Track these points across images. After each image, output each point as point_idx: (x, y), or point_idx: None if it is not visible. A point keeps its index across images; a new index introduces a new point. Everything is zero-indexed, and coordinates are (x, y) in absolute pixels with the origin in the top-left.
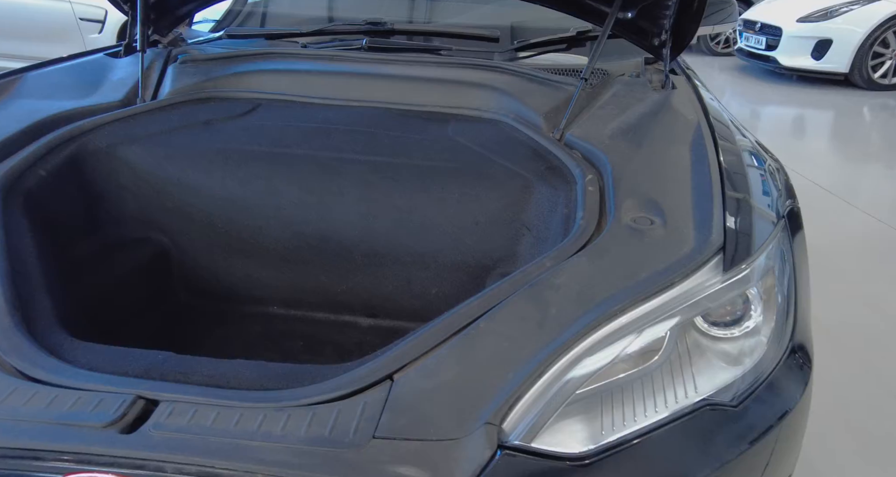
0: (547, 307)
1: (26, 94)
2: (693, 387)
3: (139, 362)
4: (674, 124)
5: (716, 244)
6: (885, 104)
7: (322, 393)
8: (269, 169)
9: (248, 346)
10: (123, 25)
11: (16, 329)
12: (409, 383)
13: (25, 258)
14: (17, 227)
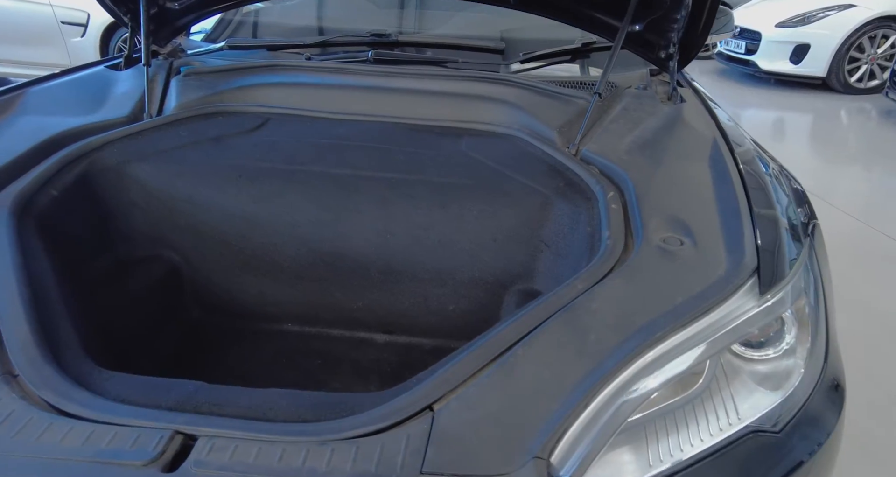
0: (585, 333)
1: (31, 111)
2: (735, 412)
3: (171, 393)
4: (689, 139)
5: (750, 266)
6: (861, 108)
7: (363, 425)
8: (284, 186)
9: (265, 364)
10: (107, 29)
11: (44, 361)
12: (452, 414)
13: (44, 282)
14: (32, 250)
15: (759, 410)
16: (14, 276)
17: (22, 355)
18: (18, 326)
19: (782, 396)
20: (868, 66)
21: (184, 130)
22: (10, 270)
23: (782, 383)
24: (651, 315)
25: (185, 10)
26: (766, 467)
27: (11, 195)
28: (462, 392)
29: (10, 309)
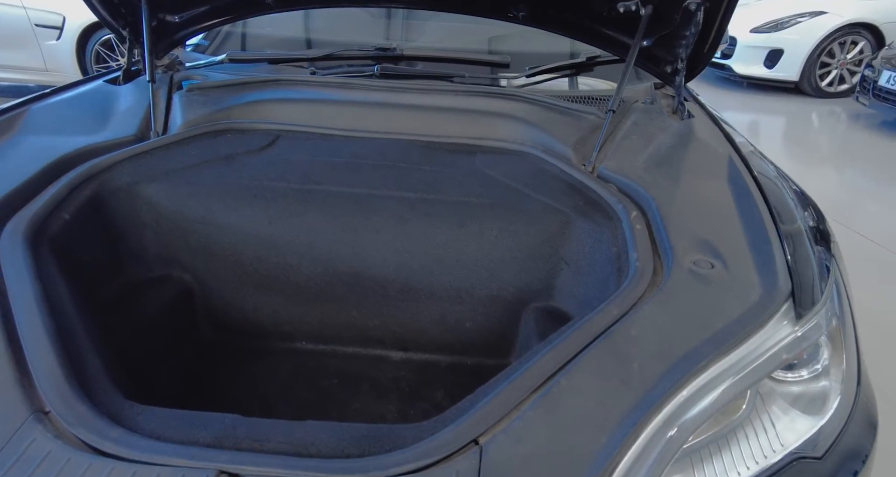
0: (628, 362)
1: (35, 130)
2: (777, 438)
3: (208, 429)
4: (705, 156)
5: (784, 290)
6: (831, 111)
7: (410, 461)
8: (302, 206)
9: (282, 383)
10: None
11: (76, 396)
12: (499, 449)
13: (65, 311)
14: (50, 278)
15: (801, 435)
16: (36, 306)
17: (53, 391)
18: (46, 360)
19: (821, 421)
20: (838, 70)
21: (193, 149)
22: (32, 301)
23: (819, 407)
24: (692, 342)
25: (185, 23)
26: None
27: (24, 221)
28: (507, 425)
29: (35, 342)
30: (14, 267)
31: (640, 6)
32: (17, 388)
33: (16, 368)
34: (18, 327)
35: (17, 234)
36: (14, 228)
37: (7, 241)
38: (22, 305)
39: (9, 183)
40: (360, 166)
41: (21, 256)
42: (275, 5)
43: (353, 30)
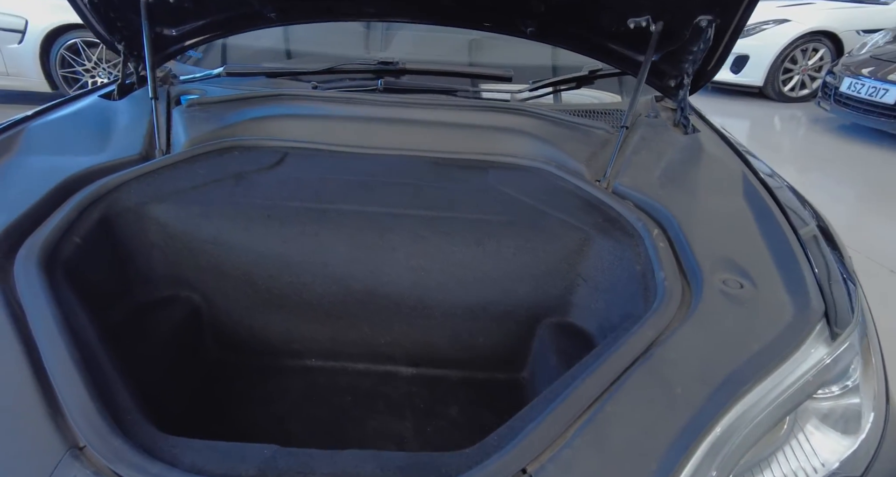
0: (671, 386)
1: (37, 150)
2: (816, 457)
3: (248, 461)
4: (718, 171)
5: (818, 310)
6: (793, 115)
7: None
8: (315, 226)
9: (295, 402)
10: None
11: (110, 430)
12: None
13: (88, 340)
14: (69, 305)
15: (840, 454)
16: (60, 337)
17: (87, 425)
18: (77, 393)
19: (858, 439)
20: (800, 76)
21: (201, 167)
22: (56, 331)
23: (854, 425)
24: (732, 365)
25: (182, 36)
26: None
27: (37, 246)
28: (555, 453)
29: (64, 374)
30: (32, 295)
31: (650, 22)
32: (50, 423)
33: (46, 403)
34: (44, 359)
35: (31, 261)
36: (27, 255)
37: (22, 268)
38: (45, 336)
39: (18, 206)
40: (373, 184)
41: (38, 283)
42: (277, 19)
43: (335, 39)
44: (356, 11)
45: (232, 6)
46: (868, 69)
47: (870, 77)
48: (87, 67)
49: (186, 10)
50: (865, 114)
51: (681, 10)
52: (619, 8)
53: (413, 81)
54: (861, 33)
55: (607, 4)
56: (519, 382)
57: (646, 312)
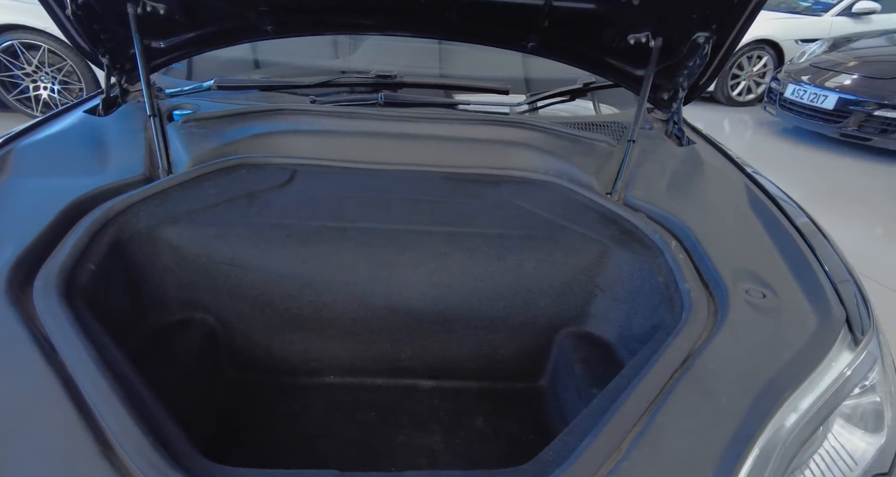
0: (714, 397)
1: (33, 172)
2: (850, 457)
3: None
4: (721, 182)
5: (840, 317)
6: (741, 118)
7: None
8: (336, 245)
9: (321, 420)
10: None
11: (168, 465)
12: None
13: (123, 371)
14: (97, 336)
15: (868, 452)
16: (98, 371)
17: (142, 461)
18: (126, 428)
19: (883, 437)
20: (746, 82)
21: (211, 187)
22: (92, 365)
23: (878, 423)
24: (768, 374)
25: (169, 49)
26: None
27: (53, 276)
28: (614, 467)
29: (110, 409)
30: (59, 328)
31: (650, 38)
32: (103, 461)
33: (95, 440)
34: (86, 395)
35: (50, 292)
36: (45, 285)
37: (43, 300)
38: (83, 371)
39: (26, 233)
40: (390, 201)
41: (63, 315)
42: (275, 33)
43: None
44: (357, 25)
45: (226, 19)
46: (808, 76)
47: (810, 84)
48: (28, 71)
49: (177, 23)
50: (808, 118)
51: (680, 26)
52: (620, 24)
53: (412, 95)
54: (799, 42)
55: (609, 21)
56: (537, 390)
57: (673, 322)
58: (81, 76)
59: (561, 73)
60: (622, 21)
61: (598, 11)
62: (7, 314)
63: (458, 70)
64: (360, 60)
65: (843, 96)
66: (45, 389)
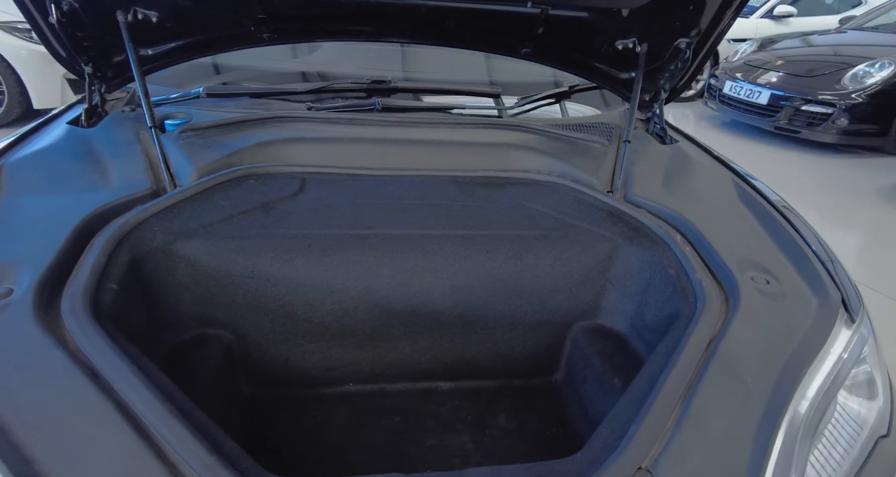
0: (741, 378)
1: (29, 189)
2: (853, 422)
3: None
4: (710, 178)
5: (837, 299)
6: (684, 113)
7: None
8: (358, 252)
9: (345, 429)
10: None
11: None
12: (669, 471)
13: (170, 390)
14: (135, 356)
15: (870, 418)
16: (149, 393)
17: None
18: (191, 449)
19: (879, 402)
20: None
21: (222, 199)
22: (142, 387)
23: (872, 389)
24: (785, 354)
25: (156, 56)
26: (890, 470)
27: (80, 298)
28: (663, 448)
29: (171, 431)
30: (99, 351)
31: (636, 44)
32: None
33: (161, 462)
34: (142, 417)
35: (80, 314)
36: (73, 307)
37: (74, 322)
38: (133, 393)
39: (41, 254)
40: (406, 207)
41: (99, 338)
42: (269, 40)
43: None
44: (356, 32)
45: (220, 27)
46: (742, 73)
47: (744, 80)
48: None
49: (168, 30)
50: (745, 113)
51: (663, 33)
52: (609, 31)
53: (407, 99)
54: (731, 42)
55: (599, 28)
56: (553, 385)
57: (689, 311)
58: (3, 81)
59: (524, 77)
60: (611, 28)
61: (590, 20)
62: (44, 341)
63: (420, 72)
64: (319, 62)
65: (775, 92)
66: (101, 414)
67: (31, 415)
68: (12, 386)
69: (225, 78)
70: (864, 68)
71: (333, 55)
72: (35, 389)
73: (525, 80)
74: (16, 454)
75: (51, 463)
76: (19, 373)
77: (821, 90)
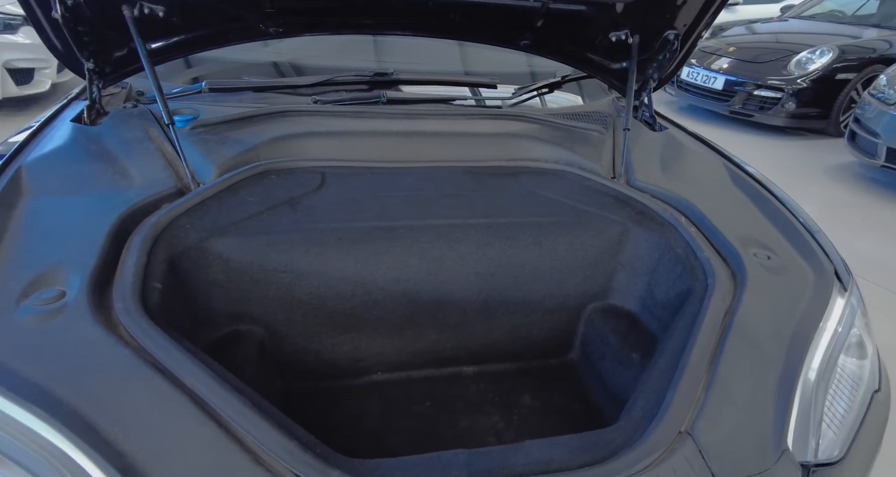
0: (758, 345)
1: (53, 191)
2: (853, 381)
3: (455, 467)
4: (703, 162)
5: (830, 271)
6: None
7: (646, 456)
8: (387, 244)
9: (379, 417)
10: None
11: (325, 464)
12: (705, 434)
13: (237, 384)
14: (196, 352)
15: (864, 375)
16: (221, 387)
17: (299, 464)
18: (272, 436)
19: (868, 361)
20: None
21: (248, 195)
22: (213, 381)
23: (862, 350)
24: (793, 321)
25: (157, 51)
26: (884, 420)
27: (130, 298)
28: (699, 412)
29: (250, 422)
30: (162, 349)
31: (629, 36)
32: (258, 468)
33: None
34: (220, 411)
35: (134, 313)
36: (126, 307)
37: (132, 322)
38: (206, 388)
39: (85, 255)
40: (427, 198)
41: (159, 336)
42: (275, 34)
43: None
44: (362, 26)
45: (226, 21)
46: (697, 59)
47: (699, 66)
48: None
49: (173, 25)
50: (702, 98)
51: (653, 25)
52: (604, 24)
53: (408, 93)
54: None
55: (594, 20)
56: (568, 363)
57: (701, 288)
58: None
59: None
60: (606, 21)
61: (587, 13)
62: (108, 341)
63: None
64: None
65: (729, 78)
66: (179, 408)
67: (116, 412)
68: (91, 385)
69: (196, 72)
70: (806, 55)
71: (303, 45)
72: (112, 387)
73: (502, 71)
74: (110, 449)
75: (143, 456)
76: (95, 372)
77: (770, 76)
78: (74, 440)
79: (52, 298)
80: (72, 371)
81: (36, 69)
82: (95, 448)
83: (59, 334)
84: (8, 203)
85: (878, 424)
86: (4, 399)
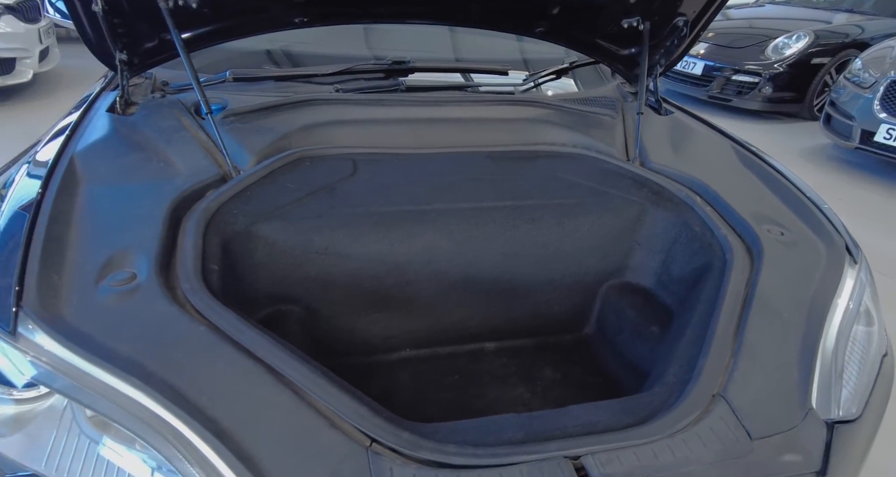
0: (780, 315)
1: (104, 179)
2: (864, 347)
3: (509, 429)
4: (713, 144)
5: (841, 245)
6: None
7: (685, 417)
8: (420, 227)
9: (414, 390)
10: None
11: (396, 426)
12: (738, 396)
13: (303, 356)
14: (261, 329)
15: (873, 340)
16: (292, 359)
17: (372, 427)
18: (344, 401)
19: (878, 328)
20: None
21: (287, 181)
22: (284, 354)
23: (868, 318)
24: (810, 292)
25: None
26: (892, 381)
27: (193, 279)
28: (729, 377)
29: (322, 388)
30: (234, 327)
31: (640, 23)
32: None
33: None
34: (296, 381)
35: (201, 293)
36: (192, 288)
37: (201, 302)
38: (280, 361)
39: (147, 238)
40: (454, 182)
41: (228, 314)
42: (303, 24)
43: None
44: (387, 14)
45: (256, 11)
46: None
47: None
48: None
49: (203, 15)
50: (681, 83)
51: (664, 12)
52: (616, 10)
53: (426, 79)
54: None
55: (606, 7)
56: (584, 338)
57: (720, 263)
58: None
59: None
60: (618, 8)
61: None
62: (183, 318)
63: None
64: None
65: (708, 63)
66: (258, 378)
67: (202, 382)
68: (176, 358)
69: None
70: (783, 40)
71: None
72: (195, 360)
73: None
74: (202, 415)
75: (231, 422)
76: (177, 347)
77: (747, 61)
78: (170, 407)
79: (126, 279)
80: (156, 346)
81: (17, 59)
82: (191, 414)
83: (138, 312)
84: (71, 192)
85: (888, 385)
86: (105, 371)
